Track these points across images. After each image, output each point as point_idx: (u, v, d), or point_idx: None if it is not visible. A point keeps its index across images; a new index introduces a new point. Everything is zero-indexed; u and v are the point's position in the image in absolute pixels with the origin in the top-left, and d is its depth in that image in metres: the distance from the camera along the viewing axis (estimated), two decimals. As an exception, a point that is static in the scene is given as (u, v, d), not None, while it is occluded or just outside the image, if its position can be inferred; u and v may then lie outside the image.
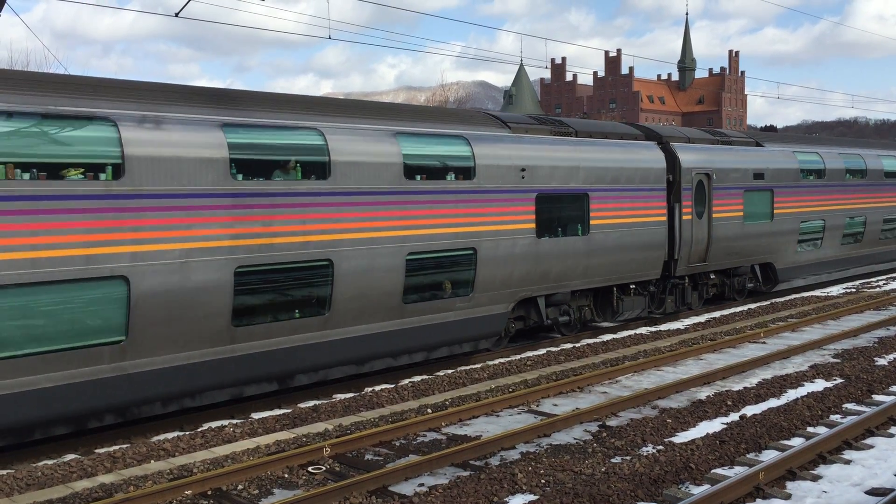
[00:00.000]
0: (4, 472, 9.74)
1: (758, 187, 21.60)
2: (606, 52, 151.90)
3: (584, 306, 17.72)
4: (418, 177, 13.96)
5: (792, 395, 12.61)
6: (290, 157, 12.56)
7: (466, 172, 14.67)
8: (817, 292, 24.76)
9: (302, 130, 12.64)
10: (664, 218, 18.73)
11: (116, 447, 10.62)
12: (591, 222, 16.92)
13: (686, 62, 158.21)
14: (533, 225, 15.71)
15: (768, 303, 22.42)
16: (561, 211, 16.43)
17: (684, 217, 19.23)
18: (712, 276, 21.25)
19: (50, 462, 10.06)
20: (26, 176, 9.99)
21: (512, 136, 15.81)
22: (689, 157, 19.59)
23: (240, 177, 11.77)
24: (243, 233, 11.65)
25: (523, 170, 15.52)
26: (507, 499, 8.57)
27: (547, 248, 16.00)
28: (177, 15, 14.97)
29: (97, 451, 10.60)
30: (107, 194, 10.54)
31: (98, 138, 10.66)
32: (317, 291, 12.67)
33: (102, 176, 10.56)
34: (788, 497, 8.41)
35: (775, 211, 22.19)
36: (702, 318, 20.04)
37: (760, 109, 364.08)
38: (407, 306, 13.90)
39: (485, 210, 14.84)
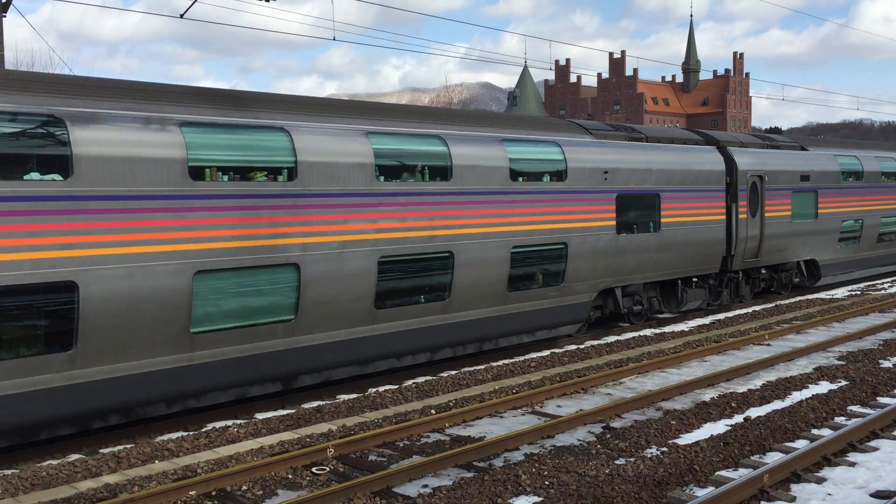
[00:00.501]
0: (9, 471, 9.76)
1: (804, 188, 23.12)
2: (611, 54, 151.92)
3: (653, 297, 19.52)
4: (521, 178, 15.68)
5: (796, 397, 12.58)
6: (419, 162, 14.14)
7: (559, 175, 16.42)
8: (822, 294, 24.71)
9: (429, 138, 14.27)
10: (723, 217, 20.39)
11: (121, 447, 10.63)
12: (662, 220, 18.68)
13: (690, 64, 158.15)
14: (613, 222, 17.46)
15: (773, 305, 22.39)
16: (637, 210, 18.17)
17: (740, 216, 20.80)
18: (763, 271, 22.78)
19: (55, 462, 10.08)
20: (224, 178, 11.64)
21: (595, 141, 17.64)
22: (745, 160, 21.18)
23: (381, 178, 13.38)
24: (385, 227, 13.40)
25: (606, 172, 17.30)
26: (510, 500, 8.56)
27: (625, 243, 17.77)
28: (182, 16, 15.00)
29: (102, 451, 10.61)
30: (284, 193, 12.20)
31: (278, 146, 12.29)
32: (440, 279, 14.24)
33: (280, 178, 12.25)
34: (793, 500, 8.40)
35: (819, 211, 23.73)
36: (706, 320, 20.02)
37: (765, 111, 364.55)
38: (510, 294, 15.60)
39: (575, 208, 16.64)
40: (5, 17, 17.30)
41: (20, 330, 10.02)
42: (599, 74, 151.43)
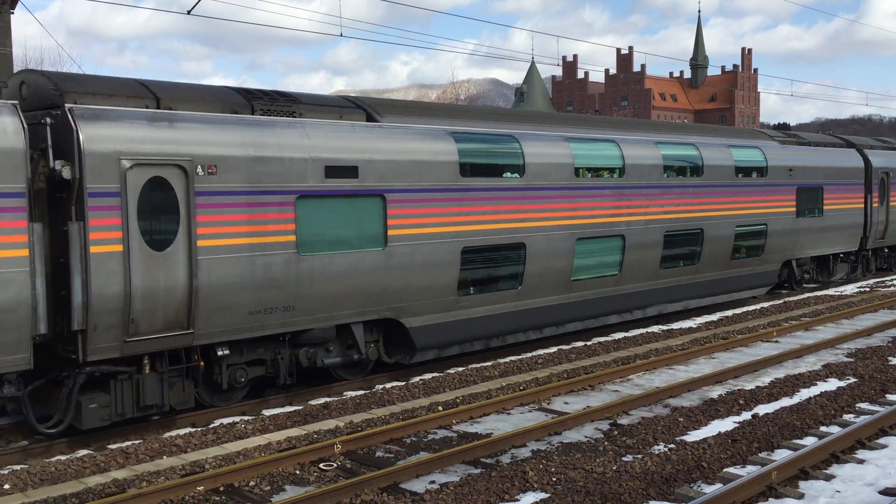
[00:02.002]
0: (18, 467, 9.80)
1: None
2: (618, 50, 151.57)
3: (812, 268, 24.83)
4: (740, 175, 20.61)
5: (805, 394, 12.55)
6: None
7: (762, 171, 21.42)
8: (830, 291, 24.65)
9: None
10: (862, 205, 25.77)
11: (129, 443, 10.67)
12: (825, 207, 23.74)
13: (698, 59, 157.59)
14: (794, 209, 22.40)
15: (781, 301, 22.34)
16: (808, 199, 23.07)
17: (873, 205, 26.29)
18: (886, 251, 28.88)
19: (63, 458, 10.12)
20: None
21: (781, 145, 22.90)
22: (877, 159, 26.74)
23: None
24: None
25: (790, 170, 22.33)
26: (518, 496, 8.56)
27: (801, 225, 22.79)
28: (189, 12, 15.01)
29: (110, 446, 10.65)
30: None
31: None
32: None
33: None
34: (801, 496, 8.38)
35: None
36: (714, 317, 19.98)
37: (774, 107, 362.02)
38: (732, 261, 20.49)
39: (773, 199, 21.63)
40: (13, 13, 17.34)
41: (496, 273, 15.19)
42: (607, 70, 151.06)
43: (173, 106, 11.24)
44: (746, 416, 11.40)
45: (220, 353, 11.55)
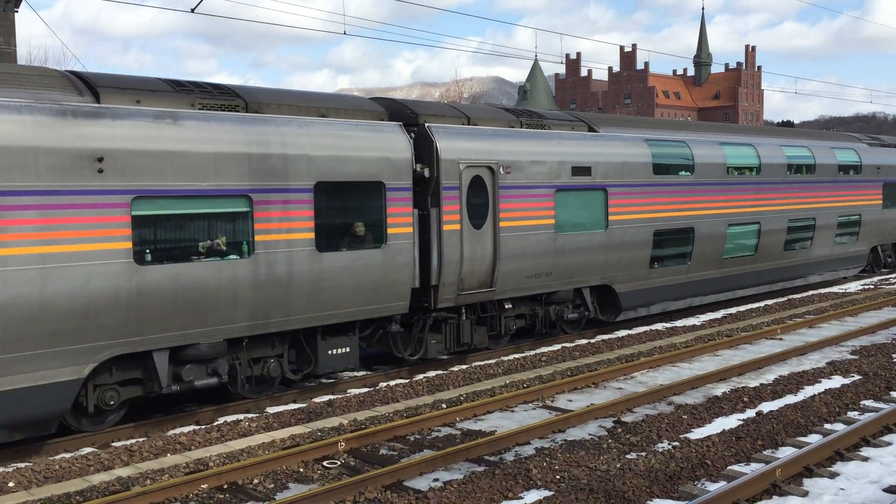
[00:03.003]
0: (23, 464, 9.82)
1: None
2: (622, 48, 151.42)
3: (892, 253, 28.26)
4: (842, 173, 24.25)
5: (809, 391, 12.52)
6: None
7: (857, 169, 25.00)
8: (835, 288, 24.61)
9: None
10: None
11: (133, 441, 10.68)
12: None
13: (702, 57, 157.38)
14: (881, 201, 26.16)
15: (785, 299, 22.30)
16: (889, 193, 26.50)
17: None
18: None
19: (67, 455, 10.13)
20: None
21: (869, 147, 26.62)
22: None
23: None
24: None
25: (878, 168, 26.09)
26: (521, 494, 8.56)
27: (887, 215, 26.52)
28: (193, 11, 15.01)
29: (114, 444, 10.66)
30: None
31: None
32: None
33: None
34: (805, 494, 8.36)
35: None
36: (718, 315, 19.95)
37: (778, 105, 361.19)
38: (835, 244, 24.08)
39: (865, 193, 25.27)
40: (17, 12, 17.37)
41: (674, 252, 18.74)
42: (610, 68, 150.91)
43: (478, 123, 15.07)
44: (750, 413, 11.38)
45: (507, 306, 15.53)
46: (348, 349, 13.12)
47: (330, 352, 12.93)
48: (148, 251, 10.62)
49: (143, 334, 10.58)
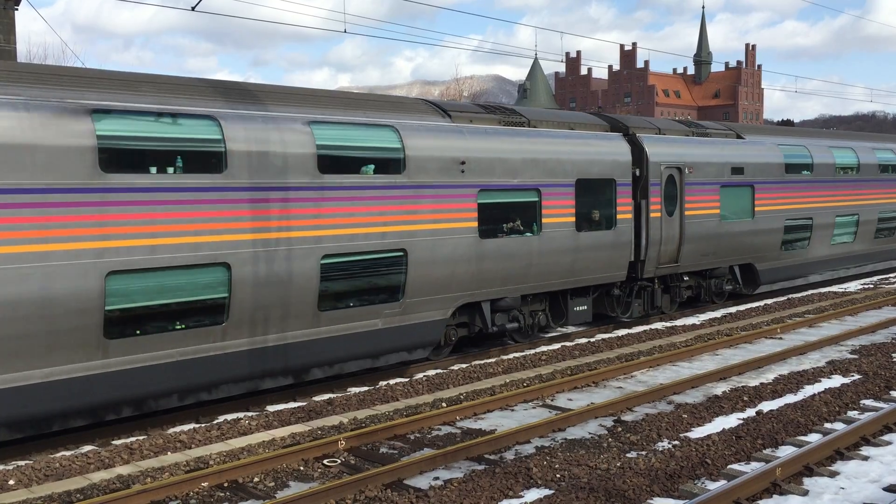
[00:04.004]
0: (23, 462, 9.83)
1: None
2: (622, 46, 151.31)
3: None
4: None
5: (809, 390, 12.53)
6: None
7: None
8: (834, 288, 24.62)
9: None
10: None
11: (133, 439, 10.69)
12: None
13: (702, 56, 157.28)
14: None
15: (785, 298, 22.31)
16: None
17: None
18: None
19: (68, 453, 10.14)
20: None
21: None
22: None
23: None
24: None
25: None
26: (522, 493, 8.56)
27: None
28: (193, 9, 14.99)
29: (114, 442, 10.67)
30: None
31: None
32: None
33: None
34: (805, 493, 8.37)
35: None
36: (717, 314, 19.96)
37: (779, 103, 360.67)
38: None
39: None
40: (17, 9, 17.36)
41: (796, 237, 22.51)
42: (610, 67, 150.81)
43: (664, 132, 19.30)
44: (750, 412, 11.38)
45: (684, 279, 19.69)
46: (586, 307, 17.20)
47: (575, 308, 16.87)
48: (485, 229, 14.69)
49: (479, 289, 14.77)
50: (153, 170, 11.19)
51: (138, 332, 10.82)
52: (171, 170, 11.25)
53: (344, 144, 13.24)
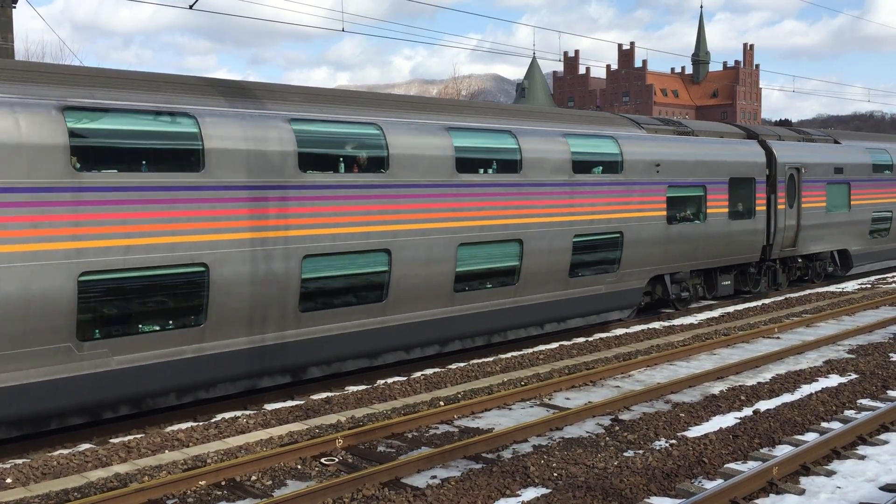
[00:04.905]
0: (20, 461, 9.82)
1: None
2: (620, 45, 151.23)
3: None
4: None
5: (806, 390, 12.55)
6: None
7: None
8: (832, 287, 24.65)
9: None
10: None
11: (131, 437, 10.69)
12: None
13: (700, 55, 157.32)
14: None
15: (783, 298, 22.34)
16: None
17: None
18: None
19: (65, 451, 10.14)
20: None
21: None
22: None
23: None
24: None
25: None
26: (519, 491, 8.57)
27: None
28: (191, 7, 14.97)
29: (112, 440, 10.67)
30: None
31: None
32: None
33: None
34: (802, 492, 8.38)
35: None
36: (715, 313, 19.98)
37: (777, 103, 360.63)
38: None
39: None
40: (15, 7, 17.32)
41: (879, 227, 26.40)
42: (608, 66, 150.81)
43: (783, 138, 23.54)
44: (748, 412, 11.40)
45: (798, 261, 24.08)
46: (729, 282, 21.38)
47: (722, 283, 21.02)
48: (670, 217, 18.74)
49: (664, 264, 18.86)
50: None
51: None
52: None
53: (588, 151, 17.23)
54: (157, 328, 11.02)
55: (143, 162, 11.01)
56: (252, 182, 11.60)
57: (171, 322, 11.11)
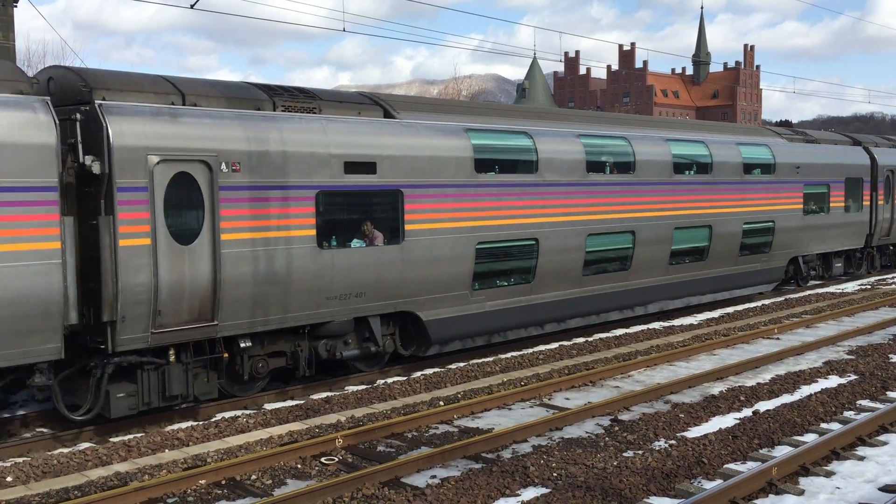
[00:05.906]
0: (21, 459, 9.83)
1: None
2: (620, 46, 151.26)
3: None
4: None
5: (805, 391, 12.56)
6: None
7: None
8: (832, 288, 24.65)
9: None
10: None
11: (131, 436, 10.70)
12: None
13: (701, 56, 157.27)
14: None
15: (783, 298, 22.34)
16: None
17: None
18: None
19: (66, 450, 10.15)
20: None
21: None
22: None
23: None
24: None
25: None
26: (519, 491, 8.58)
27: None
28: (192, 7, 14.99)
29: (112, 439, 10.68)
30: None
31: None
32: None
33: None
34: (801, 493, 8.39)
35: None
36: (715, 314, 19.98)
37: (778, 104, 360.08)
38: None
39: None
40: (16, 6, 17.34)
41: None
42: (609, 66, 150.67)
43: (879, 145, 27.58)
44: (747, 412, 11.41)
45: (890, 248, 28.25)
46: (840, 265, 25.40)
47: (835, 265, 25.17)
48: (804, 209, 22.91)
49: (799, 248, 23.19)
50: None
51: None
52: None
53: (753, 156, 21.16)
54: (506, 284, 15.37)
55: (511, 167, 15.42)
56: (565, 179, 16.13)
57: (512, 279, 15.51)
